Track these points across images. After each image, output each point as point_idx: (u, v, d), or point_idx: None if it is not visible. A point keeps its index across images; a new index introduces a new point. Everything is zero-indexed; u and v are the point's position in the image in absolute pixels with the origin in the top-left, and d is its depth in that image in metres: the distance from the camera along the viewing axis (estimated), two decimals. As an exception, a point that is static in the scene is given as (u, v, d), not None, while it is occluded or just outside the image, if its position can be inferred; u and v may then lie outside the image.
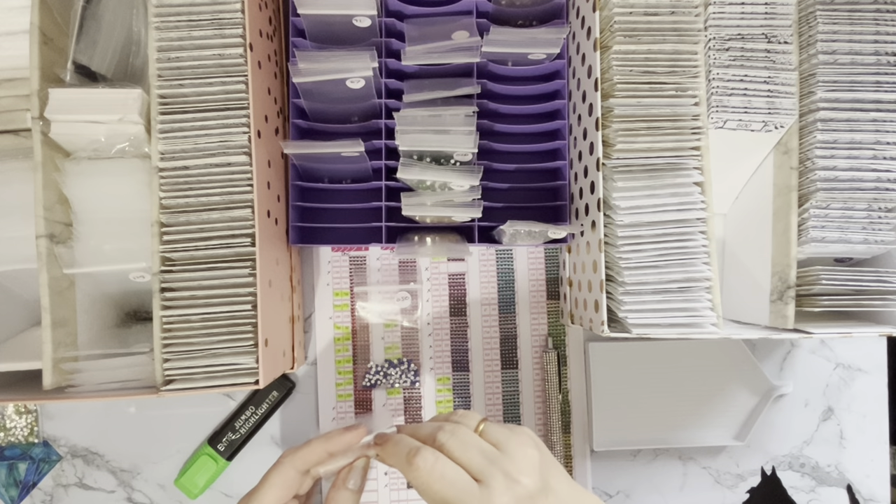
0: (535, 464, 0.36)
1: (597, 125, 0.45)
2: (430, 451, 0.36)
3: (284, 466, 0.40)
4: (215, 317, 0.42)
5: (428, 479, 0.36)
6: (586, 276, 0.48)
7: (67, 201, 0.44)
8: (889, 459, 0.61)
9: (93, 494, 0.57)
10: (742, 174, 0.52)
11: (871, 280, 0.47)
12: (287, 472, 0.40)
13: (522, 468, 0.36)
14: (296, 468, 0.40)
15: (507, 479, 0.35)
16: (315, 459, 0.41)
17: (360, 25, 0.48)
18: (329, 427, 0.57)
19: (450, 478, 0.35)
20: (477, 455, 0.36)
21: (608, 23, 0.45)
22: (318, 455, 0.41)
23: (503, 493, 0.34)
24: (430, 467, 0.36)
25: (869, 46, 0.45)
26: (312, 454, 0.41)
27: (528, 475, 0.35)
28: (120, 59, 0.46)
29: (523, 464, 0.36)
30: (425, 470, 0.36)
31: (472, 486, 0.35)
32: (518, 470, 0.35)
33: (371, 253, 0.59)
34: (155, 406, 0.58)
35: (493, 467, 0.36)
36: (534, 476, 0.35)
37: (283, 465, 0.40)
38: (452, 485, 0.35)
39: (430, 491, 0.36)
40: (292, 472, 0.40)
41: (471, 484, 0.35)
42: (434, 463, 0.36)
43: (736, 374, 0.59)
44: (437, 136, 0.47)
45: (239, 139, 0.42)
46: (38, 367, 0.42)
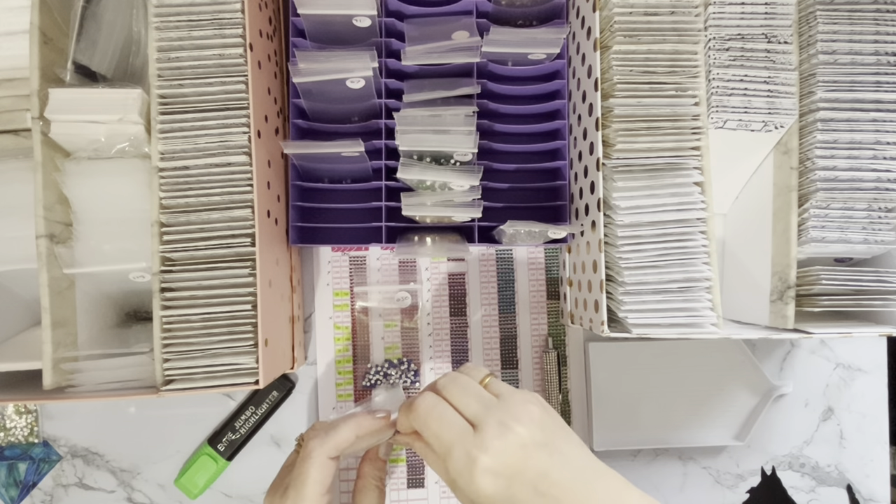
0: (535, 418, 0.36)
1: (597, 125, 0.45)
2: (431, 395, 0.38)
3: (319, 459, 0.40)
4: (215, 317, 0.42)
5: (425, 418, 0.37)
6: (586, 276, 0.48)
7: (67, 201, 0.44)
8: (889, 459, 0.61)
9: (93, 494, 0.57)
10: (742, 174, 0.52)
11: (871, 280, 0.47)
12: (324, 464, 0.40)
13: (519, 418, 0.35)
14: (329, 456, 0.41)
15: (501, 426, 0.35)
16: (344, 444, 0.41)
17: (360, 25, 0.48)
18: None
19: (447, 419, 0.36)
20: (474, 401, 0.37)
21: (608, 23, 0.45)
22: (347, 440, 0.41)
23: (495, 438, 0.34)
24: (428, 408, 0.37)
25: (869, 46, 0.45)
26: (342, 440, 0.41)
27: (525, 425, 0.35)
28: (120, 59, 0.46)
29: (521, 414, 0.36)
30: (423, 410, 0.37)
31: (467, 429, 0.36)
32: (514, 418, 0.35)
33: (371, 253, 0.59)
34: (155, 406, 0.58)
35: (488, 413, 0.36)
36: (531, 428, 0.35)
37: (318, 457, 0.40)
38: (449, 425, 0.36)
39: (428, 430, 0.37)
40: (326, 462, 0.40)
41: (465, 427, 0.36)
42: (433, 405, 0.37)
43: (736, 374, 0.59)
44: (437, 136, 0.47)
45: (239, 139, 0.42)
46: (38, 367, 0.42)
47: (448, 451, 0.35)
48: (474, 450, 0.34)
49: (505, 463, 0.34)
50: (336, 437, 0.41)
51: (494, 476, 0.34)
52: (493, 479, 0.34)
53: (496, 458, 0.34)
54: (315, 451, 0.40)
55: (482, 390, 0.38)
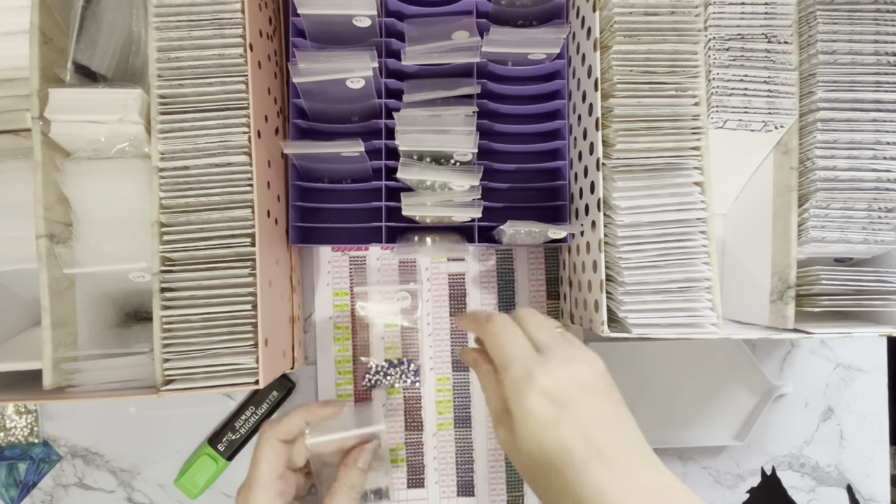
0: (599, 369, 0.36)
1: (597, 125, 0.45)
2: (506, 316, 0.40)
3: (268, 440, 0.43)
4: (215, 317, 0.42)
5: (497, 331, 0.38)
6: (586, 276, 0.48)
7: (67, 201, 0.44)
8: (889, 459, 0.61)
9: (93, 494, 0.57)
10: (742, 174, 0.52)
11: (871, 280, 0.47)
12: (272, 444, 0.43)
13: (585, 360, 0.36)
14: (279, 438, 0.43)
15: (565, 359, 0.35)
16: (295, 429, 0.44)
17: (360, 25, 0.48)
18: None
19: (517, 337, 0.37)
20: (546, 334, 0.38)
21: (608, 23, 0.45)
22: (297, 425, 0.44)
23: (558, 366, 0.35)
24: (503, 323, 0.39)
25: (869, 46, 0.45)
26: (292, 425, 0.44)
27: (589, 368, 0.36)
28: (120, 59, 0.46)
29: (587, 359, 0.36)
30: (498, 324, 0.39)
31: (532, 351, 0.37)
32: (580, 359, 0.36)
33: (371, 253, 0.59)
34: (155, 406, 0.58)
35: (556, 345, 0.37)
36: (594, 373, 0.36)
37: (267, 439, 0.43)
38: (517, 343, 0.37)
39: (495, 341, 0.38)
40: (276, 443, 0.43)
41: (531, 349, 0.37)
42: (509, 323, 0.39)
43: (736, 374, 0.59)
44: (437, 136, 0.47)
45: (239, 139, 0.42)
46: (38, 367, 0.42)
47: (509, 363, 0.36)
48: (535, 367, 0.35)
49: (561, 390, 0.34)
50: (286, 422, 0.44)
51: (548, 398, 0.34)
52: (546, 401, 0.33)
53: (554, 381, 0.34)
54: (265, 433, 0.43)
55: (555, 329, 0.39)
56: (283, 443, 0.43)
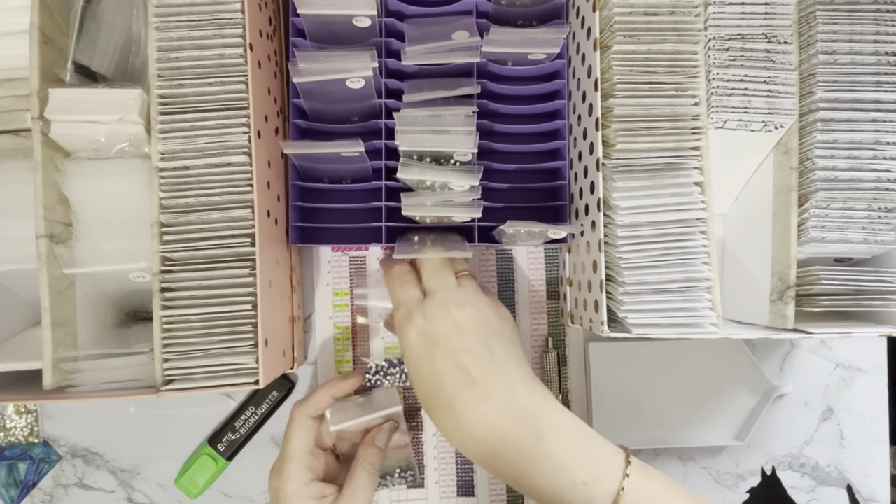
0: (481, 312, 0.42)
1: (597, 125, 0.45)
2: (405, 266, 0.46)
3: (298, 417, 0.48)
4: (215, 317, 0.42)
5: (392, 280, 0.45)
6: (586, 276, 0.48)
7: (67, 201, 0.44)
8: (889, 459, 0.61)
9: (93, 494, 0.57)
10: (742, 174, 0.52)
11: (871, 280, 0.47)
12: (302, 421, 0.48)
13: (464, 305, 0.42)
14: (308, 415, 0.48)
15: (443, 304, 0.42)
16: (323, 405, 0.49)
17: (360, 25, 0.48)
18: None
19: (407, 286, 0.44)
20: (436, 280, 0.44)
21: (608, 23, 0.45)
22: (324, 401, 0.49)
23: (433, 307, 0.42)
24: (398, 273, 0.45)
25: (869, 46, 0.45)
26: (320, 401, 0.49)
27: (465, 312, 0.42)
28: (120, 59, 0.46)
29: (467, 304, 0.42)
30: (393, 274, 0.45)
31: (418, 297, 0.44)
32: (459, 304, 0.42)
33: (371, 253, 0.59)
34: (155, 406, 0.58)
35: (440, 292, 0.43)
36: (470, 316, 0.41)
37: (297, 416, 0.48)
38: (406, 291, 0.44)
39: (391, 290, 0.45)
40: (306, 420, 0.48)
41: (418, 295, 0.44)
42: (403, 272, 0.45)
43: (736, 374, 0.59)
44: (437, 136, 0.47)
45: (239, 139, 0.42)
46: (38, 367, 0.42)
47: (396, 308, 0.44)
48: (414, 310, 0.42)
49: (433, 327, 0.41)
50: (313, 399, 0.49)
51: (421, 335, 0.41)
52: (420, 336, 0.41)
53: (427, 321, 0.41)
54: (295, 412, 0.48)
55: (450, 276, 0.44)
56: (312, 420, 0.48)
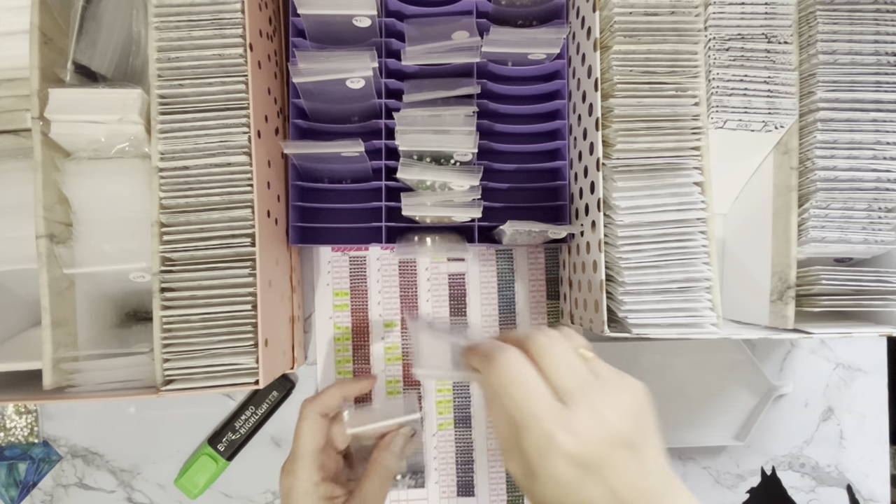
0: (632, 412, 0.31)
1: (597, 125, 0.45)
2: (516, 354, 0.32)
3: (308, 414, 0.45)
4: (215, 317, 0.42)
5: (506, 379, 0.31)
6: (586, 276, 0.48)
7: (67, 201, 0.44)
8: (889, 459, 0.61)
9: (93, 494, 0.57)
10: (742, 174, 0.52)
11: (871, 280, 0.47)
12: (313, 419, 0.45)
13: (616, 406, 0.31)
14: (318, 412, 0.46)
15: (593, 412, 0.30)
16: (333, 404, 0.47)
17: (360, 25, 0.48)
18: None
19: (531, 386, 0.31)
20: (569, 374, 0.32)
21: (608, 23, 0.45)
22: (335, 399, 0.47)
23: (583, 423, 0.30)
24: (512, 367, 0.32)
25: (869, 46, 0.45)
26: (330, 399, 0.47)
27: (620, 417, 0.31)
28: (120, 59, 0.46)
29: (618, 404, 0.31)
30: (505, 368, 0.32)
31: (553, 403, 0.31)
32: (609, 406, 0.31)
33: (371, 253, 0.59)
34: (155, 406, 0.58)
35: (582, 393, 0.31)
36: (625, 422, 0.31)
37: (306, 414, 0.46)
38: (533, 394, 0.31)
39: (505, 394, 0.31)
40: (317, 417, 0.45)
41: (552, 400, 0.31)
42: (518, 365, 0.32)
43: (736, 374, 0.59)
44: (437, 136, 0.47)
45: (239, 139, 0.42)
46: (38, 367, 0.42)
47: (525, 421, 0.30)
48: (557, 429, 0.30)
49: (587, 453, 0.30)
50: (323, 397, 0.47)
51: (572, 463, 0.30)
52: (569, 466, 0.30)
53: (580, 445, 0.30)
54: (305, 409, 0.46)
55: (580, 364, 0.33)
56: (322, 417, 0.46)
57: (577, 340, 0.35)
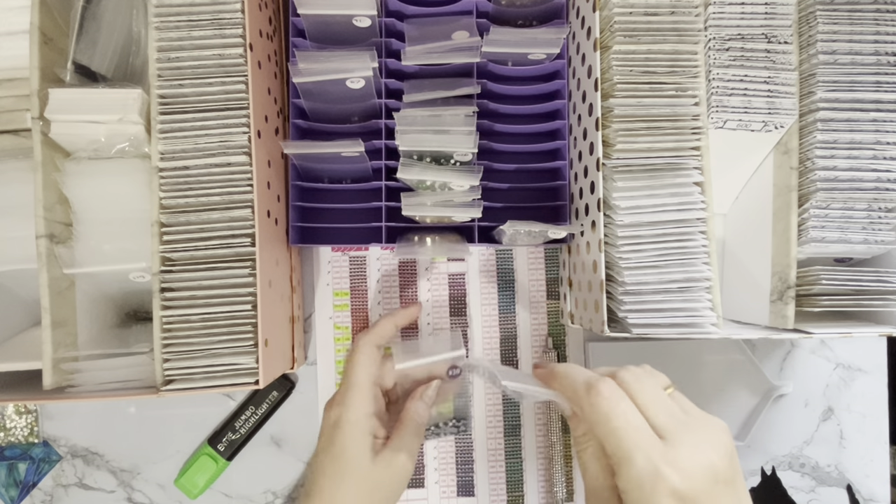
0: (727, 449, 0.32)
1: (597, 125, 0.45)
2: (615, 387, 0.33)
3: (364, 346, 0.46)
4: (215, 317, 0.42)
5: (609, 412, 0.32)
6: (586, 276, 0.48)
7: (67, 201, 0.44)
8: (889, 459, 0.61)
9: (93, 494, 0.57)
10: (742, 174, 0.52)
11: (871, 280, 0.47)
12: (368, 350, 0.45)
13: (713, 443, 0.32)
14: (373, 344, 0.46)
15: (694, 447, 0.31)
16: (387, 334, 0.47)
17: (360, 25, 0.48)
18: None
19: (633, 420, 0.32)
20: (663, 410, 0.32)
21: (608, 23, 0.45)
22: (388, 330, 0.47)
23: (688, 458, 0.30)
24: (613, 399, 0.32)
25: (869, 46, 0.45)
26: (384, 330, 0.47)
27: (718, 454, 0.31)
28: (120, 59, 0.46)
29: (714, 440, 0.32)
30: (607, 399, 0.32)
31: (655, 438, 0.31)
32: (707, 442, 0.32)
33: (371, 253, 0.59)
34: (155, 406, 0.58)
35: (679, 428, 0.32)
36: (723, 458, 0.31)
37: (362, 346, 0.46)
38: (635, 428, 0.31)
39: (607, 426, 0.32)
40: (372, 349, 0.46)
41: (653, 435, 0.32)
42: (619, 399, 0.32)
43: (736, 374, 0.59)
44: (437, 136, 0.47)
45: (239, 139, 0.42)
46: (38, 367, 0.42)
47: (629, 456, 0.31)
48: (662, 463, 0.30)
49: (693, 487, 0.30)
50: (378, 328, 0.47)
51: (677, 499, 0.30)
52: (674, 501, 0.30)
53: (685, 479, 0.30)
54: (360, 341, 0.46)
55: (671, 402, 0.34)
56: (377, 349, 0.46)
57: (661, 378, 0.35)
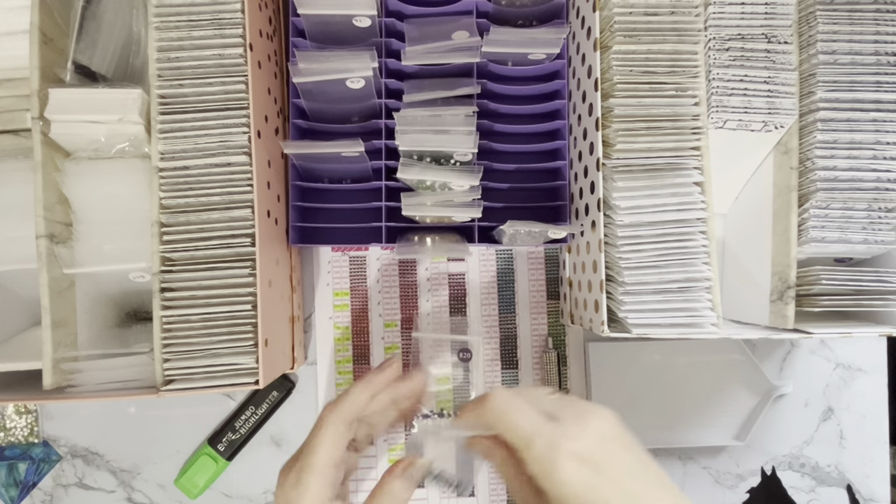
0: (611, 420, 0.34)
1: (597, 125, 0.45)
2: (505, 390, 0.36)
3: (332, 423, 0.38)
4: (215, 317, 0.42)
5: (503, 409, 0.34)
6: (586, 276, 0.48)
7: (67, 201, 0.44)
8: (889, 459, 0.61)
9: (93, 494, 0.57)
10: (742, 174, 0.52)
11: (871, 280, 0.47)
12: (336, 428, 0.38)
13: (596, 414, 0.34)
14: (343, 421, 0.38)
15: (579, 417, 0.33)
16: (359, 407, 0.39)
17: (360, 25, 0.48)
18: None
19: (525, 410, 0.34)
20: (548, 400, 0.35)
21: (608, 23, 0.45)
22: (361, 402, 0.39)
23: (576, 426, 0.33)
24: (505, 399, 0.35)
25: (869, 46, 0.45)
26: (356, 403, 0.39)
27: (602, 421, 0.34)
28: (120, 59, 0.46)
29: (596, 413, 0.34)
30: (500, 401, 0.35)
31: (546, 420, 0.33)
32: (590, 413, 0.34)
33: (371, 253, 0.59)
34: (155, 406, 0.58)
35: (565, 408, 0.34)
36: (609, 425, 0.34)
37: (329, 422, 0.38)
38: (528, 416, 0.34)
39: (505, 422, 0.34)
40: (341, 428, 0.38)
41: (544, 418, 0.34)
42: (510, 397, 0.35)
43: (736, 374, 0.59)
44: (437, 136, 0.47)
45: (239, 139, 0.42)
46: (38, 367, 0.42)
47: (528, 440, 0.33)
48: (557, 436, 0.32)
49: (589, 450, 0.32)
50: (349, 399, 0.39)
51: (580, 461, 0.32)
52: (579, 464, 0.32)
53: (579, 443, 0.32)
54: (329, 416, 0.38)
55: (556, 396, 0.36)
56: (346, 427, 0.38)
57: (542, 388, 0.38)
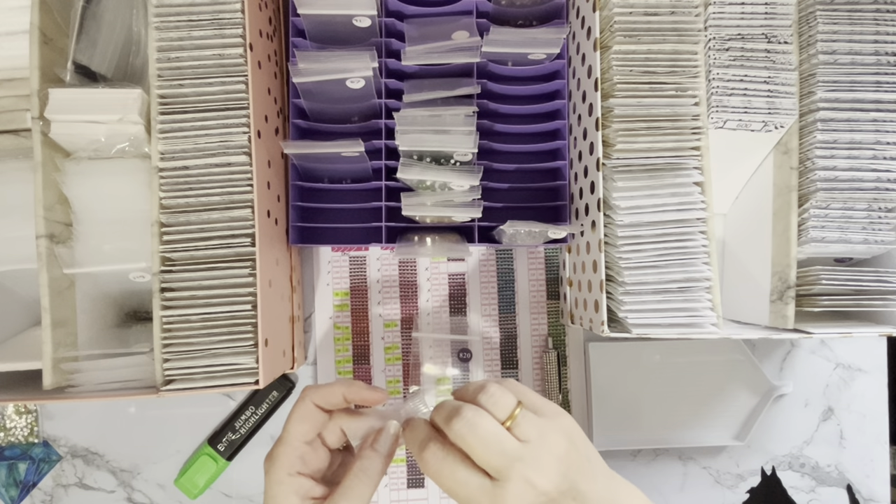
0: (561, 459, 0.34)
1: (597, 125, 0.45)
2: (441, 447, 0.35)
3: (304, 402, 0.41)
4: (215, 317, 0.42)
5: (437, 475, 0.35)
6: (586, 276, 0.48)
7: (67, 201, 0.44)
8: (889, 459, 0.61)
9: (93, 494, 0.57)
10: (742, 174, 0.52)
11: (871, 280, 0.47)
12: (307, 407, 0.40)
13: (544, 468, 0.34)
14: (315, 402, 0.41)
15: (525, 483, 0.33)
16: (333, 400, 0.41)
17: (360, 25, 0.48)
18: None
19: (460, 477, 0.34)
20: (496, 455, 0.34)
21: (608, 23, 0.45)
22: (336, 396, 0.41)
23: (516, 498, 0.33)
24: (439, 462, 0.35)
25: (869, 46, 0.45)
26: (331, 394, 0.41)
27: (549, 477, 0.34)
28: (120, 59, 0.46)
29: (546, 463, 0.34)
30: (435, 465, 0.35)
31: (485, 485, 0.34)
32: (539, 471, 0.34)
33: (371, 253, 0.59)
34: (155, 406, 0.58)
35: (511, 468, 0.34)
36: (554, 478, 0.34)
37: (304, 399, 0.41)
38: (464, 484, 0.34)
39: (441, 486, 0.35)
40: (311, 407, 0.40)
41: (482, 483, 0.34)
42: (444, 459, 0.35)
43: (736, 374, 0.59)
44: (437, 136, 0.47)
45: (239, 139, 0.42)
46: (38, 367, 0.42)
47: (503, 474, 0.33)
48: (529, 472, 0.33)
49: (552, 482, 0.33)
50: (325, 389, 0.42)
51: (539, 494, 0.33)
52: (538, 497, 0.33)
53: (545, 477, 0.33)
54: (303, 395, 0.41)
55: (505, 438, 0.35)
56: (318, 409, 0.41)
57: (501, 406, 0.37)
